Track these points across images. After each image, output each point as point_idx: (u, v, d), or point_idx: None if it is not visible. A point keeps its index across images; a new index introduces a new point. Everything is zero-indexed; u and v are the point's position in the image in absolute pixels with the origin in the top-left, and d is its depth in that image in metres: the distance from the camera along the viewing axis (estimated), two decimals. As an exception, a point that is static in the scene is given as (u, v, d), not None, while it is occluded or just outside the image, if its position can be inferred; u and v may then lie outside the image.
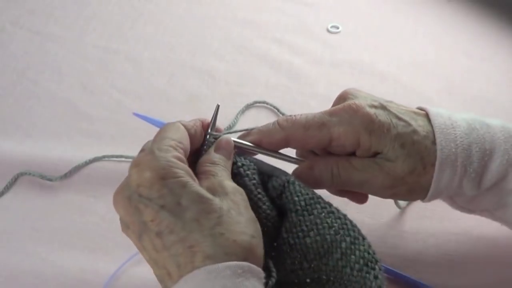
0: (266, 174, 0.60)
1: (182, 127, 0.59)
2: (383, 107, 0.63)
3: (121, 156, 0.84)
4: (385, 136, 0.61)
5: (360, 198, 0.67)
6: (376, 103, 0.63)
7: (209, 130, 0.61)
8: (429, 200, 0.65)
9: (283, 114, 0.91)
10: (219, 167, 0.57)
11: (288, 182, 0.59)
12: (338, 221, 0.56)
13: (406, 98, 0.96)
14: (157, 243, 0.52)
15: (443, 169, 0.61)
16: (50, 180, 0.82)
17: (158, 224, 0.52)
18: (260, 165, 0.61)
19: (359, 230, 0.56)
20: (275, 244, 0.58)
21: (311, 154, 0.67)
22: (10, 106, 0.93)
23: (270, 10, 1.12)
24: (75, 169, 0.83)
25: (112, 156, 0.85)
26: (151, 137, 0.60)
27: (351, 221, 0.57)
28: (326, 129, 0.61)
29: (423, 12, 1.13)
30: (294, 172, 0.64)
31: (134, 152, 0.84)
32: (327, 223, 0.56)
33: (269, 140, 0.62)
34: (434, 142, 0.62)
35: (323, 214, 0.57)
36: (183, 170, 0.53)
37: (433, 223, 0.76)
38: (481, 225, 0.73)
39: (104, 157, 0.84)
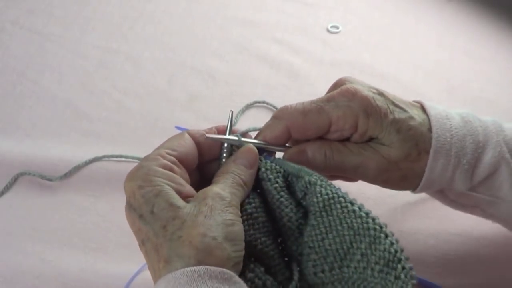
0: (294, 175, 0.59)
1: (186, 135, 0.60)
2: (380, 93, 0.63)
3: (121, 156, 0.84)
4: (382, 121, 0.61)
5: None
6: (373, 89, 0.63)
7: (224, 146, 0.61)
8: (421, 191, 0.64)
9: (283, 114, 0.91)
10: (228, 176, 0.57)
11: (309, 183, 0.58)
12: (359, 220, 0.55)
13: (406, 98, 0.95)
14: (143, 250, 0.55)
15: (437, 157, 0.61)
16: (50, 180, 0.82)
17: (141, 233, 0.54)
18: (287, 165, 0.60)
19: (381, 228, 0.54)
20: (300, 248, 0.58)
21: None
22: (10, 106, 0.93)
23: (270, 10, 1.12)
24: (75, 169, 0.83)
25: (112, 156, 0.85)
26: (151, 137, 0.60)
27: (373, 219, 0.55)
28: (325, 114, 0.61)
29: (423, 12, 1.13)
30: (285, 154, 0.64)
31: (134, 152, 0.85)
32: (346, 223, 0.55)
33: (272, 134, 0.62)
34: (429, 130, 0.62)
35: (343, 214, 0.55)
36: (162, 178, 0.55)
37: (433, 223, 0.76)
38: (481, 225, 0.73)
39: (104, 157, 0.84)
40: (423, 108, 0.65)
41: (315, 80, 0.98)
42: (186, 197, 0.55)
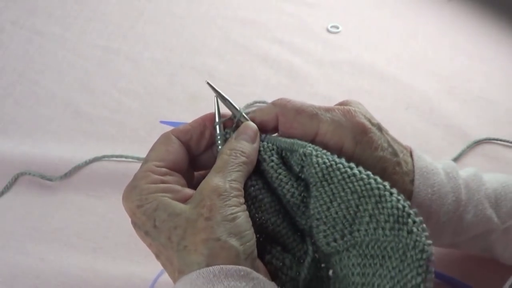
0: (288, 150, 0.59)
1: (172, 137, 0.59)
2: (379, 128, 0.62)
3: (121, 156, 0.84)
4: (370, 154, 0.60)
5: None
6: (373, 121, 0.62)
7: (216, 122, 0.60)
8: None
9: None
10: (230, 157, 0.57)
11: (304, 155, 0.57)
12: (361, 182, 0.54)
13: (406, 98, 0.96)
14: (160, 262, 0.56)
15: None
16: (50, 180, 0.82)
17: (152, 247, 0.56)
18: (280, 141, 0.60)
19: (385, 187, 0.54)
20: (309, 221, 0.58)
21: None
22: (10, 106, 0.93)
23: (270, 10, 1.12)
24: (75, 169, 0.83)
25: (112, 156, 0.85)
26: (151, 137, 0.60)
27: (376, 179, 0.54)
28: (316, 121, 0.60)
29: (423, 12, 1.13)
30: None
31: (134, 152, 0.85)
32: (349, 188, 0.55)
33: (261, 117, 0.61)
34: (412, 182, 0.61)
35: (344, 180, 0.55)
36: (157, 192, 0.55)
37: (433, 223, 0.76)
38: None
39: (104, 157, 0.84)
40: (411, 155, 0.63)
41: (315, 80, 0.98)
42: (186, 200, 0.55)
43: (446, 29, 1.09)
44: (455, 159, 0.85)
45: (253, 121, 0.61)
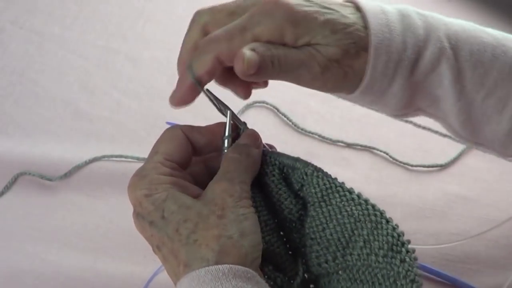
0: (289, 167, 0.59)
1: (180, 134, 0.59)
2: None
3: (121, 156, 0.84)
4: (312, 24, 0.57)
5: (244, 91, 0.64)
6: None
7: (225, 136, 0.60)
8: (361, 93, 0.61)
9: (283, 114, 0.91)
10: (236, 160, 0.57)
11: (306, 174, 0.57)
12: (359, 207, 0.55)
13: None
14: (160, 256, 0.54)
15: (378, 54, 0.58)
16: (50, 180, 0.82)
17: (154, 239, 0.54)
18: (282, 157, 0.59)
19: (382, 214, 0.54)
20: (303, 239, 0.58)
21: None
22: (10, 106, 0.93)
23: (270, 10, 1.12)
24: (75, 169, 0.83)
25: (112, 156, 0.85)
26: (151, 138, 0.60)
27: (373, 206, 0.55)
28: (248, 32, 0.57)
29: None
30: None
31: (134, 152, 0.85)
32: (346, 211, 0.55)
33: (204, 69, 0.58)
34: (365, 27, 0.59)
35: (343, 202, 0.55)
36: (167, 184, 0.54)
37: (433, 223, 0.76)
38: (481, 225, 0.73)
39: (104, 157, 0.84)
40: (357, 8, 0.60)
41: (315, 80, 0.98)
42: (194, 197, 0.55)
43: (446, 29, 1.09)
44: (455, 159, 0.85)
45: (198, 75, 0.59)
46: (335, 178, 0.57)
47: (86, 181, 0.82)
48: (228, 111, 0.61)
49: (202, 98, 0.59)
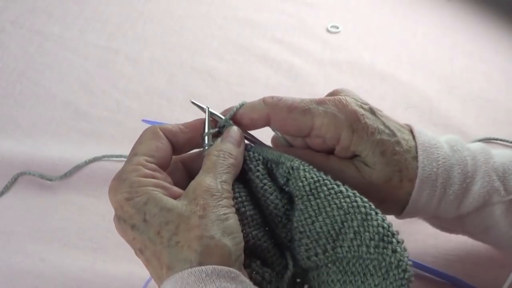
0: (274, 162, 0.59)
1: (159, 133, 0.59)
2: (372, 112, 0.61)
3: (121, 156, 0.84)
4: (367, 139, 0.59)
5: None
6: (365, 106, 0.62)
7: (205, 132, 0.60)
8: (404, 217, 0.63)
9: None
10: (218, 159, 0.57)
11: (292, 168, 0.58)
12: (347, 199, 0.55)
13: (405, 98, 0.96)
14: (142, 259, 0.55)
15: (423, 188, 0.60)
16: (50, 180, 0.82)
17: (136, 242, 0.54)
18: (266, 152, 0.60)
19: (370, 206, 0.55)
20: (289, 234, 0.58)
21: (287, 146, 0.65)
22: (10, 106, 0.93)
23: (270, 10, 1.12)
24: (75, 169, 0.83)
25: (112, 156, 0.85)
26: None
27: (361, 198, 0.55)
28: (309, 116, 0.59)
29: (423, 12, 1.13)
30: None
31: (134, 152, 0.85)
32: (335, 204, 0.55)
33: (251, 115, 0.61)
34: (415, 158, 0.60)
35: (331, 195, 0.56)
36: (148, 186, 0.55)
37: (433, 223, 0.76)
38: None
39: (104, 157, 0.84)
40: (412, 132, 0.63)
41: (315, 80, 0.98)
42: (175, 198, 0.55)
43: (446, 29, 1.09)
44: (455, 159, 0.85)
45: (242, 118, 0.61)
46: (322, 172, 0.57)
47: (86, 181, 0.82)
48: (206, 108, 0.61)
49: (202, 99, 0.59)
